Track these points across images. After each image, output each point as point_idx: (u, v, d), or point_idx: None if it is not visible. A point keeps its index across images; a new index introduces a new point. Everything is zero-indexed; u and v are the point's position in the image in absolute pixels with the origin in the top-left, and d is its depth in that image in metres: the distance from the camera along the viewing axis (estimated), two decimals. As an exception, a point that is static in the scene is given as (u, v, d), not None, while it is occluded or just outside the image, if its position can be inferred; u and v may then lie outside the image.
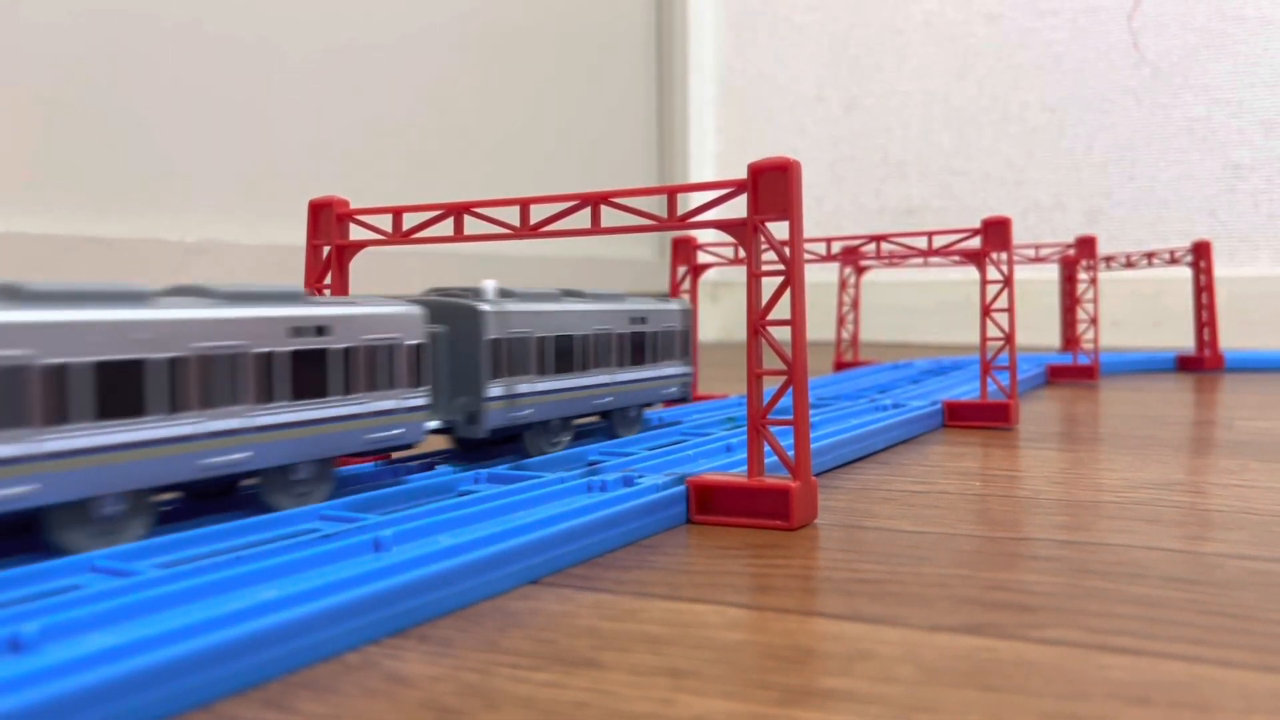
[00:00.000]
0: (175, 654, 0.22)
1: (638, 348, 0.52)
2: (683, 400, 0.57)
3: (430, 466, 0.45)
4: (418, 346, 0.40)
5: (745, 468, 0.41)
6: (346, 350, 0.37)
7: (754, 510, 0.39)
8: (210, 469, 0.33)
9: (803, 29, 1.79)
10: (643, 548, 0.36)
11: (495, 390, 0.43)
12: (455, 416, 0.43)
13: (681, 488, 0.40)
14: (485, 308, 0.43)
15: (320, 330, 0.36)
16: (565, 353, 0.48)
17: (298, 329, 0.35)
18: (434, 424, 0.42)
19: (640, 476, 0.41)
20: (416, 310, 0.40)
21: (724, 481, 0.40)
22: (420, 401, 0.40)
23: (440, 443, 0.48)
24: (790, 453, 0.39)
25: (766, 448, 0.40)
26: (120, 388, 0.30)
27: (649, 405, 0.55)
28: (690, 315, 0.59)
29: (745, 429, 0.40)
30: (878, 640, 0.27)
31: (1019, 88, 1.63)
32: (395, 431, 0.39)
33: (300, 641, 0.25)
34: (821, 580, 0.32)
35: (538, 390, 0.46)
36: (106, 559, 0.30)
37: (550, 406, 0.47)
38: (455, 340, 0.43)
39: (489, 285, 0.45)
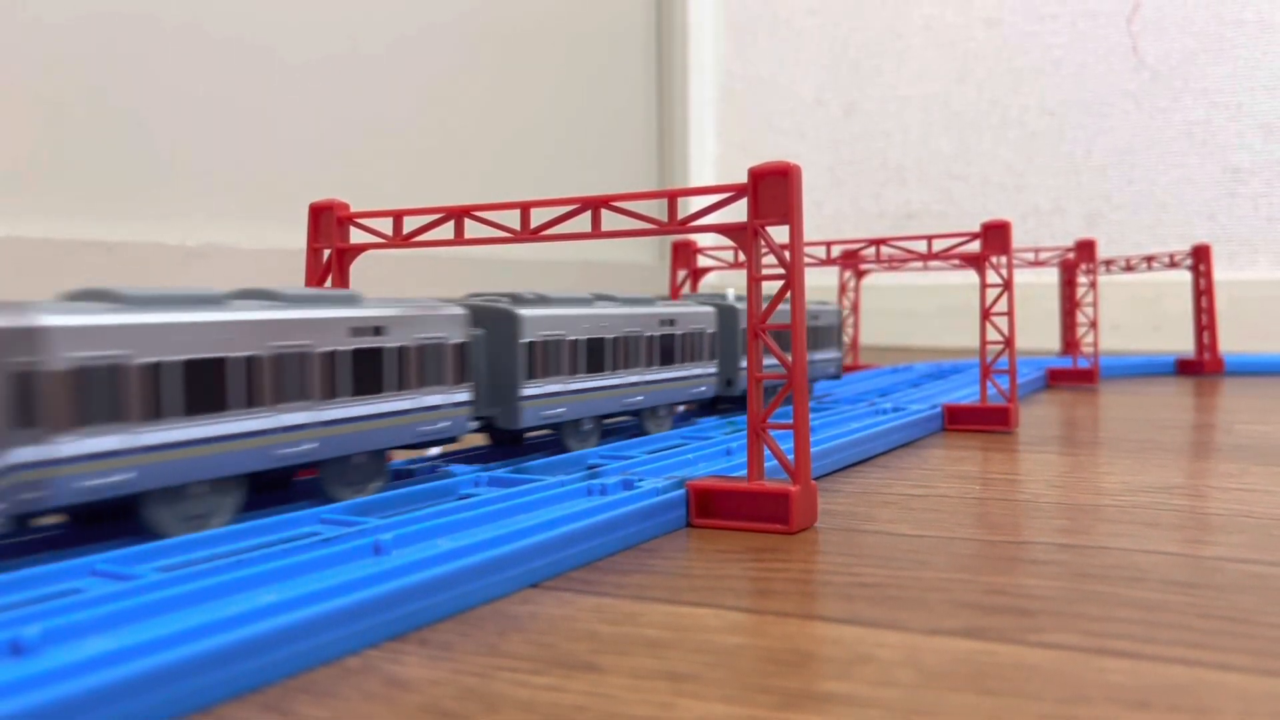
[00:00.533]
0: (175, 658, 0.22)
1: (667, 349, 0.54)
2: (714, 399, 0.60)
3: (433, 470, 0.45)
4: (461, 345, 0.43)
5: (745, 471, 0.41)
6: (400, 349, 0.40)
7: (754, 514, 0.39)
8: (283, 459, 0.35)
9: (802, 33, 1.79)
10: (642, 551, 0.36)
11: (530, 390, 0.46)
12: (494, 412, 0.46)
13: (681, 491, 0.40)
14: (523, 312, 0.47)
15: (377, 330, 0.39)
16: (596, 353, 0.50)
17: (357, 329, 0.38)
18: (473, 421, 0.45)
19: (640, 480, 0.41)
20: (461, 311, 0.43)
21: (724, 485, 0.40)
22: (464, 397, 0.43)
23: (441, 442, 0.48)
24: (790, 456, 0.39)
25: (766, 451, 0.40)
26: (204, 384, 0.33)
27: (680, 404, 0.57)
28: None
29: (745, 433, 0.40)
30: (877, 644, 0.27)
31: (1018, 92, 1.64)
32: (442, 425, 0.42)
33: (300, 645, 0.25)
34: (821, 584, 0.32)
35: (570, 390, 0.48)
36: (107, 563, 0.30)
37: (582, 405, 0.49)
38: (493, 341, 0.46)
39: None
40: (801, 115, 1.79)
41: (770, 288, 0.40)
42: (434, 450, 0.48)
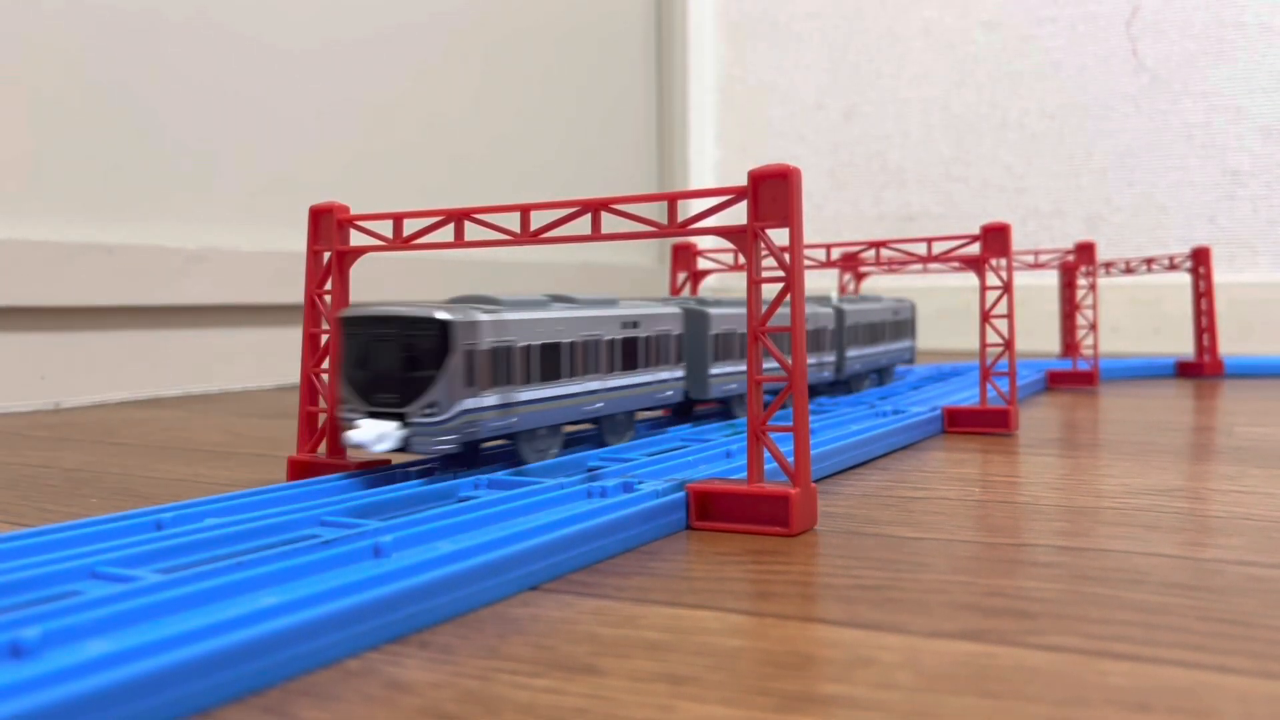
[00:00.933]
0: (175, 660, 0.22)
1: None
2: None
3: (430, 473, 0.46)
4: (680, 336, 0.58)
5: (745, 474, 0.41)
6: (647, 338, 0.55)
7: (754, 516, 0.39)
8: (587, 414, 0.50)
9: (802, 36, 1.79)
10: (642, 554, 0.36)
11: (715, 370, 0.59)
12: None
13: (681, 494, 0.40)
14: (711, 311, 0.60)
15: (635, 324, 0.54)
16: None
17: (624, 323, 0.53)
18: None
19: (640, 482, 0.41)
20: (679, 310, 0.58)
21: (724, 488, 0.40)
22: (681, 374, 0.58)
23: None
24: (790, 459, 0.39)
25: (766, 454, 0.40)
26: (550, 361, 0.47)
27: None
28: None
29: (745, 435, 0.40)
30: (877, 646, 0.27)
31: (1018, 95, 1.64)
32: (669, 393, 0.57)
33: (300, 648, 0.25)
34: (821, 586, 0.32)
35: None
36: (107, 565, 0.30)
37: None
38: (689, 332, 0.59)
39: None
40: (801, 118, 1.79)
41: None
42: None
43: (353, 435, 0.41)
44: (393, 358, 0.42)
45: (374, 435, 0.41)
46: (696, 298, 0.62)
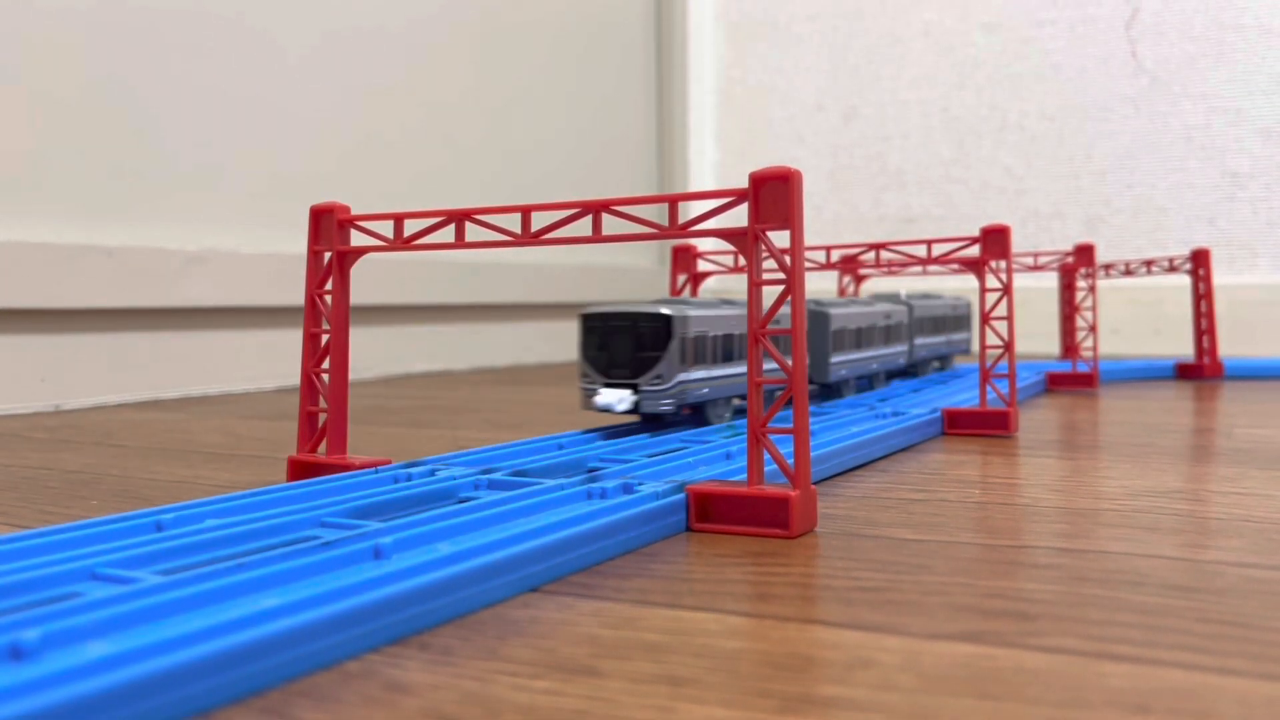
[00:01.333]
0: (175, 662, 0.22)
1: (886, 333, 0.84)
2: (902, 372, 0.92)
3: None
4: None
5: (745, 476, 0.41)
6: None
7: (754, 518, 0.39)
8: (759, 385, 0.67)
9: (802, 38, 1.79)
10: (642, 555, 0.36)
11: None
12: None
13: (681, 496, 0.40)
14: (832, 310, 0.74)
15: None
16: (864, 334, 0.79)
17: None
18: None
19: (640, 484, 0.41)
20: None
21: (724, 490, 0.40)
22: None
23: (442, 447, 0.48)
24: (790, 461, 0.39)
25: (766, 456, 0.40)
26: (726, 347, 0.61)
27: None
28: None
29: (745, 437, 0.41)
30: (877, 648, 0.27)
31: (1018, 97, 1.64)
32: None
33: (300, 649, 0.25)
34: (821, 588, 0.32)
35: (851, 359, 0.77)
36: (107, 567, 0.30)
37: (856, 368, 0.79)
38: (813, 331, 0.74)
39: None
40: (801, 120, 1.79)
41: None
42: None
43: (599, 399, 0.56)
44: (627, 343, 0.56)
45: (616, 398, 0.56)
46: (815, 300, 0.76)
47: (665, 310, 0.56)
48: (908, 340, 0.89)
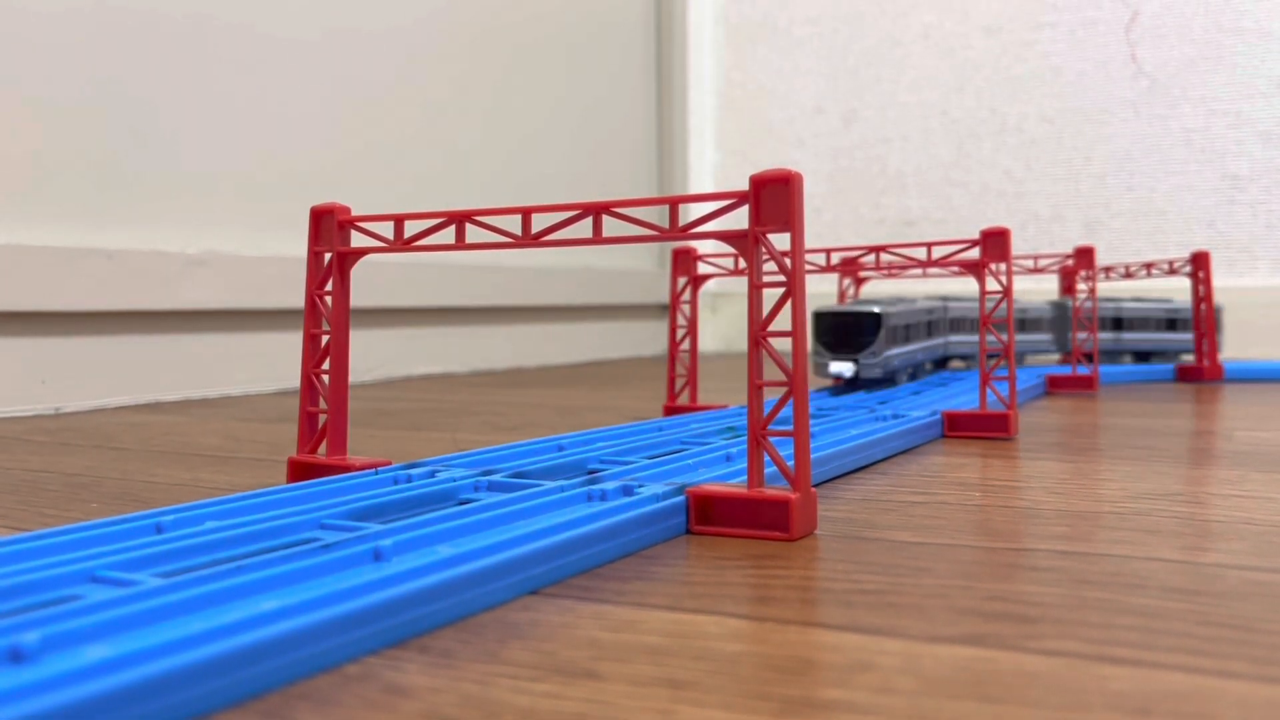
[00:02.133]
0: (175, 664, 0.22)
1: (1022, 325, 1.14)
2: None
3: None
4: (944, 320, 1.02)
5: (745, 478, 0.41)
6: (933, 321, 0.97)
7: (754, 521, 0.39)
8: (919, 360, 0.93)
9: (802, 41, 1.79)
10: (643, 558, 0.36)
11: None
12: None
13: (681, 498, 0.40)
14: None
15: (930, 312, 0.96)
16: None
17: (929, 309, 0.97)
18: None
19: (640, 486, 0.41)
20: (942, 305, 1.00)
21: (724, 492, 0.40)
22: (942, 341, 1.01)
23: (442, 449, 0.48)
24: (790, 463, 0.39)
25: (766, 458, 0.40)
26: (911, 332, 0.89)
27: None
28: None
29: (745, 439, 0.41)
30: (877, 651, 0.27)
31: (1017, 100, 1.64)
32: (939, 353, 1.01)
33: (300, 652, 0.25)
34: (821, 591, 0.32)
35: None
36: (107, 569, 0.30)
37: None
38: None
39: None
40: (801, 123, 1.79)
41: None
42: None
43: (832, 368, 0.84)
44: (851, 329, 0.83)
45: (845, 368, 0.83)
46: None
47: (876, 309, 0.83)
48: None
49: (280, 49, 1.11)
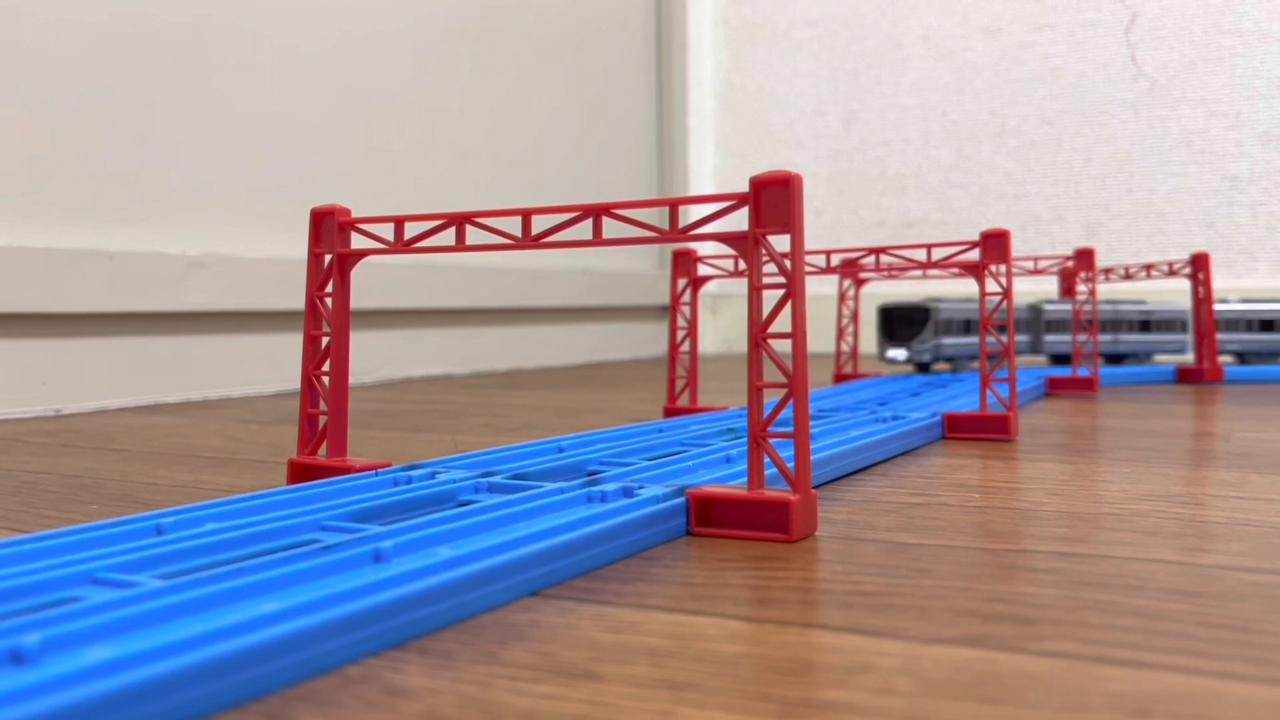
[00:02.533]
0: (175, 666, 0.22)
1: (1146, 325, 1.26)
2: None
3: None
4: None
5: (745, 479, 0.41)
6: (975, 319, 1.07)
7: (754, 523, 0.39)
8: (962, 353, 1.10)
9: (802, 44, 1.79)
10: (643, 560, 0.36)
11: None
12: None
13: (681, 500, 0.40)
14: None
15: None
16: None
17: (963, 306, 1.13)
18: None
19: (640, 488, 0.41)
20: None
21: (724, 494, 0.40)
22: (974, 339, 1.06)
23: (442, 450, 0.48)
24: (790, 465, 0.39)
25: (766, 459, 0.40)
26: (961, 328, 1.08)
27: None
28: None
29: (745, 440, 0.41)
30: (877, 652, 0.27)
31: (1017, 101, 1.64)
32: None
33: (300, 654, 0.25)
34: (821, 592, 0.32)
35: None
36: (108, 570, 0.30)
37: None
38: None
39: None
40: (801, 125, 1.79)
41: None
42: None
43: (889, 354, 1.05)
44: (907, 321, 1.04)
45: (899, 353, 1.05)
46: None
47: (930, 303, 1.04)
48: (1189, 333, 1.15)
49: (281, 52, 1.11)
